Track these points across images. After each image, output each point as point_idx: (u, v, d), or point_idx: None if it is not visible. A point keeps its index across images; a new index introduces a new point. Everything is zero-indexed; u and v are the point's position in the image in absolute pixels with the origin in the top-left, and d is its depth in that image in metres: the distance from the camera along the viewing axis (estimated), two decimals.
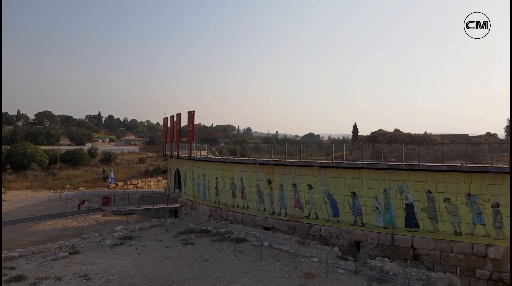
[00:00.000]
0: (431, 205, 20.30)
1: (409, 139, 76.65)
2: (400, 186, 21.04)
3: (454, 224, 19.84)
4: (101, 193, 46.42)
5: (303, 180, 24.18)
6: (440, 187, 20.15)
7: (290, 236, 21.94)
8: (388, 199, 21.36)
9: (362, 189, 22.09)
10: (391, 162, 21.85)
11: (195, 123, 38.18)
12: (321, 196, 23.40)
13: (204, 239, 22.28)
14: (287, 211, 24.90)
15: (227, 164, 28.73)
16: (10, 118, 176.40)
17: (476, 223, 19.39)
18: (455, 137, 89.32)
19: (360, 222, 22.14)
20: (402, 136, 77.88)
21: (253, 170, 26.68)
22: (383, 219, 21.50)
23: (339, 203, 22.82)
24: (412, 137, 76.74)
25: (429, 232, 20.33)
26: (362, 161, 22.43)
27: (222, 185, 29.20)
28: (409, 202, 20.83)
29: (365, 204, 22.01)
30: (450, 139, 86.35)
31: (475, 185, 19.45)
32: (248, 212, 27.04)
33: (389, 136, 79.62)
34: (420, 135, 76.55)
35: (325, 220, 23.27)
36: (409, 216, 20.86)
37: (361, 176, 22.11)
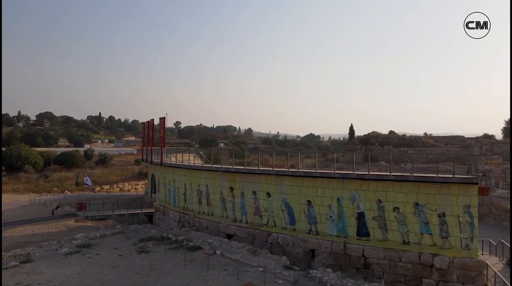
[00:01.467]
0: (381, 214, 20.50)
1: (401, 141, 76.80)
2: (352, 195, 21.26)
3: (403, 234, 20.04)
4: (84, 197, 46.93)
5: (262, 188, 24.45)
6: (390, 196, 20.35)
7: (244, 244, 22.25)
8: (341, 208, 21.59)
9: (317, 197, 22.32)
10: (342, 171, 21.99)
11: (198, 124, 38.50)
12: (279, 204, 23.66)
13: (161, 247, 22.63)
14: (248, 218, 25.19)
15: (194, 170, 29.03)
16: (10, 119, 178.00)
17: (423, 233, 19.59)
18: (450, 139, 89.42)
19: (315, 231, 22.38)
20: (395, 139, 78.01)
21: (217, 177, 27.00)
22: (336, 228, 21.73)
23: (296, 212, 23.07)
24: (404, 139, 76.86)
25: (379, 241, 20.54)
26: (316, 170, 22.59)
27: (189, 191, 29.55)
28: (360, 211, 21.05)
29: (319, 212, 22.24)
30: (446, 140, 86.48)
31: (422, 195, 19.65)
32: (213, 219, 27.35)
33: (381, 138, 79.77)
34: (412, 138, 76.63)
35: (283, 228, 23.53)
36: (360, 225, 21.08)
37: (316, 185, 22.34)
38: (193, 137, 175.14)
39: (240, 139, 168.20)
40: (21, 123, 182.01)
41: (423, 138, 75.39)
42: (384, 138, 78.65)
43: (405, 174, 20.21)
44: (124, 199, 46.38)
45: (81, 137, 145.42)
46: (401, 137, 77.35)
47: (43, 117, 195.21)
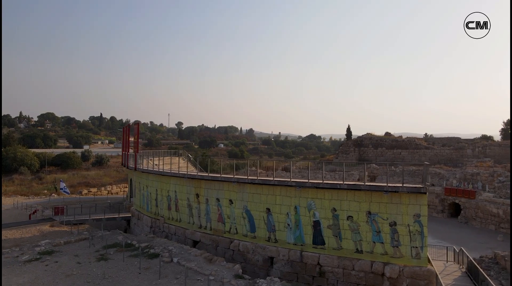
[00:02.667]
0: (336, 222, 20.71)
1: (395, 143, 76.77)
2: (309, 204, 21.48)
3: (356, 242, 20.23)
4: (69, 200, 47.50)
5: (225, 195, 24.73)
6: (344, 205, 20.54)
7: (202, 252, 22.52)
8: (298, 216, 21.81)
9: (276, 205, 22.56)
10: (298, 180, 22.17)
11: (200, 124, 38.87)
12: (241, 211, 23.93)
13: (122, 254, 22.95)
14: (212, 225, 25.49)
15: (163, 176, 29.34)
16: (12, 120, 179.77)
17: (376, 241, 19.77)
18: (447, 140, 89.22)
19: (273, 238, 22.62)
20: (388, 141, 77.97)
21: (184, 184, 27.30)
22: (293, 236, 21.96)
23: (256, 219, 23.32)
24: (397, 141, 76.81)
25: (334, 250, 20.76)
26: (274, 178, 22.79)
27: (160, 197, 29.89)
28: (316, 220, 21.27)
29: (278, 220, 22.48)
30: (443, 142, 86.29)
31: (374, 204, 19.82)
32: (181, 225, 27.69)
33: (375, 140, 79.79)
34: (405, 140, 76.56)
35: (244, 236, 23.79)
36: (316, 233, 21.29)
37: (275, 193, 22.57)
38: (193, 138, 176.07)
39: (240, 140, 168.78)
40: (23, 124, 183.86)
41: (416, 140, 75.18)
42: (377, 140, 78.62)
43: (357, 183, 20.37)
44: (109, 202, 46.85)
45: (80, 138, 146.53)
46: (395, 139, 77.25)
47: (44, 118, 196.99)
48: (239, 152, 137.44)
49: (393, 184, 19.54)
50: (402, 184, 19.06)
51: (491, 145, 65.25)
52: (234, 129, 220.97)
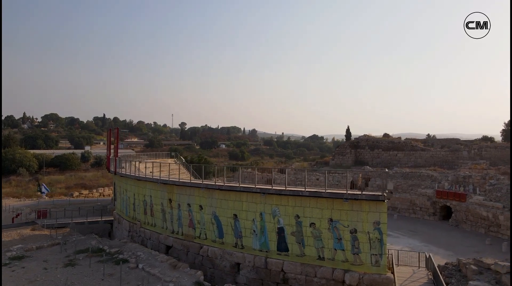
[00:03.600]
0: (299, 229, 20.82)
1: (391, 145, 76.63)
2: (273, 210, 21.62)
3: (318, 249, 20.34)
4: (59, 203, 48.06)
5: (195, 201, 24.95)
6: (307, 212, 20.65)
7: (168, 258, 22.78)
8: (263, 223, 21.96)
9: (242, 211, 22.73)
10: (263, 186, 22.29)
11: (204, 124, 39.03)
12: (210, 217, 24.14)
13: (92, 259, 23.28)
14: (183, 230, 25.72)
15: (140, 181, 29.63)
16: (15, 121, 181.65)
17: (337, 249, 19.88)
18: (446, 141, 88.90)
19: (240, 245, 22.79)
20: (384, 142, 77.83)
21: (158, 189, 27.54)
22: (259, 242, 22.13)
23: (224, 225, 23.51)
24: (394, 143, 76.64)
25: (297, 256, 20.88)
26: (239, 184, 22.93)
27: (137, 201, 30.18)
28: (280, 226, 21.40)
29: (244, 226, 22.65)
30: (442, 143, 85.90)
31: (336, 211, 19.91)
32: (155, 230, 27.96)
33: (371, 142, 79.66)
34: (402, 142, 76.35)
35: (213, 241, 24.00)
36: (280, 240, 21.43)
37: (242, 199, 22.74)
38: (195, 139, 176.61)
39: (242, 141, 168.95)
40: (26, 124, 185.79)
41: (413, 141, 74.92)
42: (374, 142, 78.50)
43: (319, 190, 20.43)
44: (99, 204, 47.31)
45: (81, 139, 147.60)
46: (391, 141, 77.09)
47: (48, 119, 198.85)
48: (240, 153, 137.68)
49: (352, 191, 19.58)
50: (361, 192, 19.11)
51: (487, 147, 64.88)
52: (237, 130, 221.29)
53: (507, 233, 36.28)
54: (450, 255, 31.83)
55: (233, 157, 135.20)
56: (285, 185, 21.45)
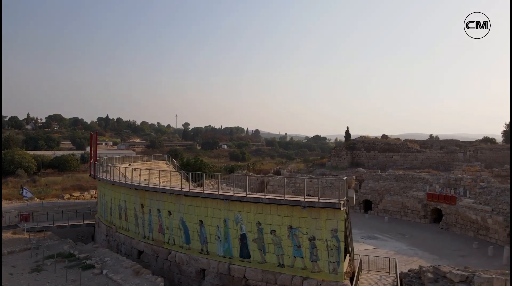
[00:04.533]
0: (260, 236, 20.95)
1: (387, 146, 76.38)
2: (236, 217, 21.75)
3: (279, 256, 20.45)
4: (48, 205, 48.57)
5: (165, 206, 25.14)
6: (268, 219, 20.76)
7: (133, 264, 23.00)
8: (227, 229, 22.11)
9: (207, 217, 22.90)
10: (226, 193, 22.39)
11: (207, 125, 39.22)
12: (178, 222, 24.34)
13: (60, 264, 23.61)
14: (153, 235, 25.94)
15: (115, 185, 29.91)
16: (19, 122, 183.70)
17: (296, 256, 19.98)
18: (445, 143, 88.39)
19: (205, 251, 22.97)
20: (380, 144, 77.60)
21: (131, 194, 27.80)
22: (223, 249, 22.28)
23: (191, 231, 23.70)
24: (389, 144, 76.35)
25: (259, 263, 21.01)
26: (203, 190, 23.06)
27: (113, 206, 30.47)
28: (243, 233, 21.53)
29: (209, 232, 22.82)
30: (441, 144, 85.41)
31: (295, 218, 20.00)
32: (128, 235, 28.24)
33: (367, 143, 79.44)
34: (397, 143, 76.02)
35: (180, 247, 24.21)
36: (243, 246, 21.57)
37: (207, 205, 22.90)
38: (198, 139, 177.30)
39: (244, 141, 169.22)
40: (30, 125, 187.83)
41: (408, 143, 74.56)
42: (370, 143, 78.26)
43: (278, 197, 20.50)
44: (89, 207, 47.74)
45: (83, 139, 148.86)
46: (387, 142, 76.80)
47: (52, 119, 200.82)
48: (240, 154, 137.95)
49: (310, 198, 19.62)
50: (318, 199, 19.15)
51: (482, 148, 64.39)
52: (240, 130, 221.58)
53: (495, 237, 36.14)
54: (435, 259, 31.79)
55: (233, 158, 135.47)
56: (245, 192, 21.51)
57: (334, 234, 19.05)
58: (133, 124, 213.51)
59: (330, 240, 19.13)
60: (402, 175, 56.33)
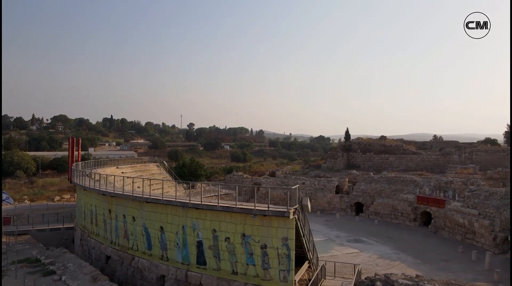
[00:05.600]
0: (216, 243, 21.09)
1: (383, 148, 76.05)
2: (193, 224, 21.92)
3: (232, 264, 20.57)
4: (36, 208, 49.27)
5: (129, 212, 25.38)
6: (222, 226, 20.88)
7: (92, 270, 23.26)
8: (185, 236, 22.30)
9: (167, 224, 23.09)
10: (182, 200, 22.52)
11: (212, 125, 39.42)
12: (141, 228, 24.57)
13: (23, 270, 23.94)
14: (119, 241, 26.21)
15: (86, 190, 30.25)
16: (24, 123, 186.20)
17: (249, 263, 20.08)
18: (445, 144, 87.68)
19: (165, 257, 23.18)
20: (376, 146, 77.32)
21: (100, 199, 28.10)
22: (181, 255, 22.48)
23: (152, 237, 23.92)
24: (385, 146, 76.04)
25: (214, 270, 21.16)
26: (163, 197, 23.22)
27: (87, 210, 30.84)
28: (199, 240, 21.70)
29: (169, 239, 23.02)
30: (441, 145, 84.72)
31: (248, 226, 20.09)
32: (98, 239, 28.57)
33: (363, 145, 79.21)
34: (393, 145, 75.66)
35: (143, 253, 24.45)
36: (199, 253, 21.74)
37: (167, 212, 23.09)
38: (201, 140, 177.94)
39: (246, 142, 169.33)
40: (35, 126, 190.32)
41: (404, 145, 74.16)
42: (366, 145, 78.04)
43: (231, 205, 20.59)
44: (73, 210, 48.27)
45: (85, 140, 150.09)
46: (383, 144, 76.49)
47: (57, 120, 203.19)
48: (241, 155, 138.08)
49: (260, 206, 19.67)
50: (267, 208, 19.19)
51: (478, 151, 63.81)
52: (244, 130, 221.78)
53: (481, 241, 35.90)
54: (417, 264, 31.72)
55: (235, 159, 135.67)
56: (200, 199, 21.63)
57: (285, 243, 19.08)
58: (138, 124, 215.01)
59: (281, 248, 19.17)
60: (394, 178, 56.04)
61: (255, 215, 19.42)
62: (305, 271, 21.92)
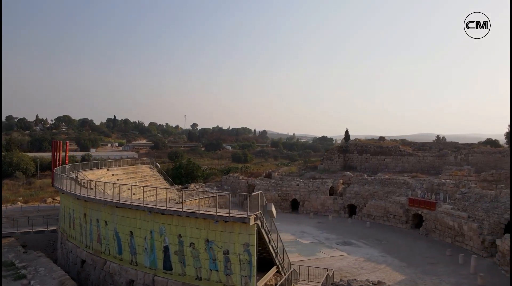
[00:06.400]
0: (181, 249, 21.16)
1: (379, 150, 75.64)
2: (160, 229, 21.99)
3: (197, 269, 20.64)
4: (26, 209, 49.66)
5: (102, 216, 25.53)
6: (187, 231, 20.95)
7: (61, 275, 23.45)
8: (152, 241, 22.38)
9: (137, 229, 23.20)
10: (149, 205, 22.57)
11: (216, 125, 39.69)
12: (112, 233, 24.70)
13: None
14: (93, 245, 26.38)
15: (65, 194, 30.47)
16: (28, 123, 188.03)
17: (212, 269, 20.15)
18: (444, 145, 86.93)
19: (135, 262, 23.30)
20: (373, 147, 76.94)
21: (77, 203, 28.29)
22: (149, 260, 22.57)
23: (123, 241, 24.06)
24: (382, 148, 75.63)
25: (179, 276, 21.24)
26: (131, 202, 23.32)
27: (66, 214, 31.08)
28: (166, 245, 21.78)
29: (138, 244, 23.13)
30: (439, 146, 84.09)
31: (212, 231, 20.14)
32: (75, 243, 28.79)
33: (360, 146, 78.89)
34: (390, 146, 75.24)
35: (114, 257, 24.60)
36: (166, 258, 21.82)
37: (136, 216, 23.19)
38: (203, 140, 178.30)
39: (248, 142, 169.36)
40: (38, 127, 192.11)
41: (401, 146, 73.69)
42: (362, 146, 77.69)
43: (194, 210, 20.63)
44: None
45: (87, 141, 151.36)
46: (379, 145, 76.11)
47: (60, 121, 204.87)
48: (242, 155, 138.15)
49: (221, 212, 19.68)
50: (228, 214, 19.21)
51: (474, 152, 63.25)
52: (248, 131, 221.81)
53: (470, 244, 35.68)
54: (402, 267, 31.61)
55: (236, 159, 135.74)
56: (165, 205, 21.69)
57: (246, 249, 19.10)
58: (141, 125, 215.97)
59: (243, 254, 19.18)
60: (387, 180, 55.75)
61: (217, 221, 19.44)
62: (273, 276, 21.91)
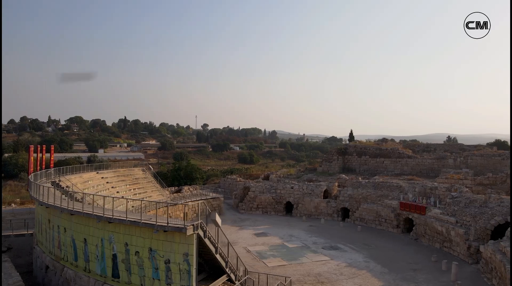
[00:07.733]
0: (127, 257, 21.22)
1: (378, 152, 74.72)
2: (109, 237, 22.08)
3: (141, 277, 20.67)
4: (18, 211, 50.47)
5: (61, 223, 25.76)
6: (133, 240, 20.99)
7: (17, 281, 23.68)
8: (103, 248, 22.49)
9: (90, 236, 23.35)
10: (98, 213, 22.60)
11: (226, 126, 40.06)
12: (69, 239, 24.89)
13: None
14: (54, 251, 26.65)
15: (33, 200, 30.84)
16: (40, 124, 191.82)
17: (155, 278, 20.16)
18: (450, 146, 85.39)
19: (88, 269, 23.45)
20: (372, 149, 76.03)
21: (43, 208, 28.61)
22: (100, 267, 22.68)
23: (78, 248, 24.25)
24: (381, 150, 74.66)
25: (126, 284, 21.31)
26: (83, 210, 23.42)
27: (37, 219, 31.50)
28: (114, 253, 21.85)
29: (91, 251, 23.25)
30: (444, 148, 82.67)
31: (155, 240, 20.13)
32: (42, 248, 29.16)
33: (359, 148, 78.04)
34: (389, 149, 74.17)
35: (71, 264, 24.83)
36: (114, 266, 21.93)
37: (89, 224, 23.32)
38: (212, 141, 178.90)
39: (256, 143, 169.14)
40: (50, 128, 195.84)
41: (400, 148, 72.56)
42: (361, 149, 76.87)
43: (137, 219, 20.58)
44: None
45: (96, 141, 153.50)
46: (378, 147, 75.16)
47: (72, 122, 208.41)
48: (248, 156, 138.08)
49: (161, 222, 19.58)
50: (167, 223, 19.11)
51: (473, 155, 61.88)
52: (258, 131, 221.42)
53: (457, 250, 34.97)
54: (383, 273, 31.19)
55: (242, 160, 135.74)
56: (111, 213, 21.71)
57: (186, 258, 19.01)
58: (151, 125, 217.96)
59: (182, 264, 19.11)
60: (381, 183, 54.97)
61: (157, 230, 19.38)
62: (222, 284, 21.73)
